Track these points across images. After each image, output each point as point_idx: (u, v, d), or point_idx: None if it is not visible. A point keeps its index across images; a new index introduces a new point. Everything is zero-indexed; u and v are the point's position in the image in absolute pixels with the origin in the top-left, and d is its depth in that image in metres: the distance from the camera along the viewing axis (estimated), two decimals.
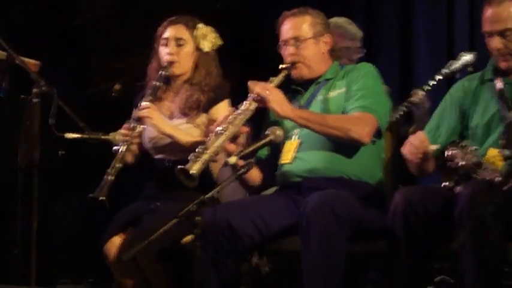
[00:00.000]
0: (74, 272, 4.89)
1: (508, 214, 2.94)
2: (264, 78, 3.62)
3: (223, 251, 3.31)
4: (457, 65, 4.27)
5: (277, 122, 3.57)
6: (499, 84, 3.38)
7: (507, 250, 3.06)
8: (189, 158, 3.28)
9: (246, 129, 3.48)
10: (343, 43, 4.39)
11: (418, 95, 4.22)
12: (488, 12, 3.36)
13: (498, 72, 3.42)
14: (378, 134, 3.54)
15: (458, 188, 3.18)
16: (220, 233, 3.30)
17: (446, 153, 3.16)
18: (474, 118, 3.41)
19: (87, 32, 5.28)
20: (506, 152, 2.81)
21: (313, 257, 3.19)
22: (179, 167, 3.25)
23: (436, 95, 4.01)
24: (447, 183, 3.23)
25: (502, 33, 3.33)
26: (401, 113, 4.22)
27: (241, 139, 3.47)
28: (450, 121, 3.46)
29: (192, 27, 3.87)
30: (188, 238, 3.40)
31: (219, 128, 3.39)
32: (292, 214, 3.38)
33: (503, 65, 3.37)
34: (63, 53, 5.19)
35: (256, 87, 3.48)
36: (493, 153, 3.16)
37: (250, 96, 3.48)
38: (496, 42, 3.34)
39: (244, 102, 3.48)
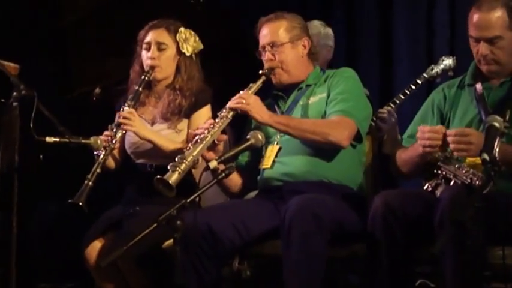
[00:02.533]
0: (54, 277, 4.84)
1: (488, 218, 2.94)
2: (246, 82, 3.63)
3: (204, 255, 3.31)
4: (437, 69, 4.30)
5: (259, 127, 3.57)
6: (479, 88, 3.38)
7: (488, 254, 3.07)
8: (168, 168, 3.28)
9: (224, 137, 3.51)
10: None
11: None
12: (477, 17, 3.29)
13: (478, 77, 3.42)
14: (358, 138, 3.56)
15: (438, 191, 3.19)
16: (201, 237, 3.30)
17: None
18: (453, 122, 3.42)
19: (67, 35, 5.25)
20: (485, 156, 2.81)
21: (294, 260, 3.20)
22: (158, 177, 3.27)
23: (418, 99, 4.03)
24: (428, 186, 3.25)
25: (490, 40, 3.28)
26: (372, 123, 4.25)
27: (220, 147, 3.49)
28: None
29: (173, 31, 3.87)
30: (169, 242, 3.39)
31: (197, 137, 3.40)
32: (273, 218, 3.38)
33: (485, 68, 3.36)
34: (43, 56, 5.15)
35: (236, 97, 3.49)
36: (473, 158, 3.16)
37: (229, 104, 3.49)
38: (483, 49, 3.29)
39: (223, 110, 3.49)
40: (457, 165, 3.17)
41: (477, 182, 3.07)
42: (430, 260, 3.20)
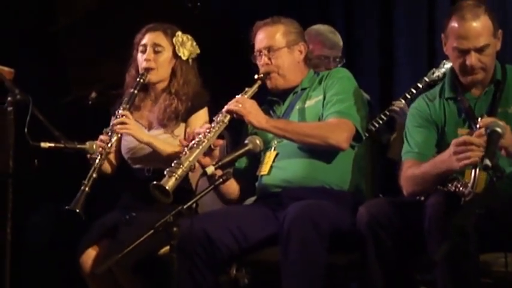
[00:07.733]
0: (49, 284, 4.82)
1: (491, 224, 2.90)
2: (242, 86, 3.58)
3: (201, 262, 3.27)
4: (438, 73, 4.26)
5: (256, 132, 3.54)
6: (464, 101, 3.26)
7: (488, 261, 3.04)
8: (164, 173, 3.24)
9: (220, 142, 3.46)
10: (321, 51, 4.37)
11: (398, 103, 4.21)
12: (464, 27, 3.14)
13: (457, 89, 3.29)
14: (358, 138, 3.52)
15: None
16: (197, 243, 3.26)
17: None
18: (449, 138, 3.26)
19: (62, 39, 5.22)
20: (487, 162, 2.76)
21: (293, 267, 3.16)
22: (154, 183, 3.21)
23: None
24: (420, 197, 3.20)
25: (480, 49, 3.16)
26: (381, 121, 4.21)
27: (216, 152, 3.45)
28: (432, 137, 3.32)
29: (170, 35, 3.83)
30: (165, 249, 3.35)
31: (193, 142, 3.35)
32: (271, 224, 3.35)
33: (469, 78, 3.23)
34: (38, 61, 5.12)
35: (232, 101, 3.44)
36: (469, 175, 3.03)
37: (225, 108, 3.45)
38: (474, 60, 3.15)
39: (219, 115, 3.45)
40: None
41: (461, 189, 3.02)
42: (431, 268, 3.16)
